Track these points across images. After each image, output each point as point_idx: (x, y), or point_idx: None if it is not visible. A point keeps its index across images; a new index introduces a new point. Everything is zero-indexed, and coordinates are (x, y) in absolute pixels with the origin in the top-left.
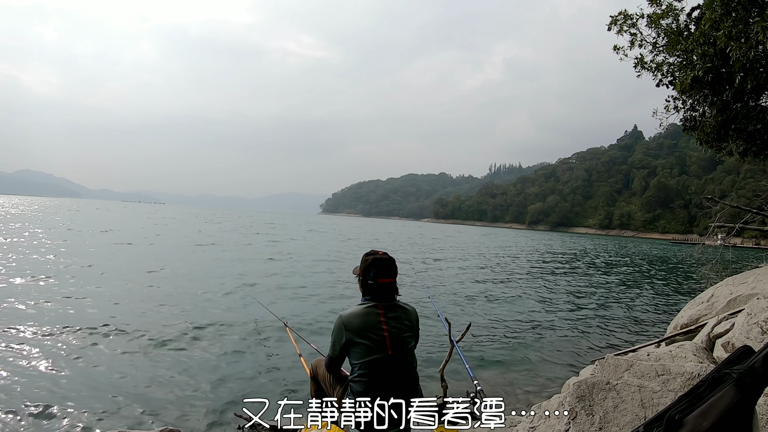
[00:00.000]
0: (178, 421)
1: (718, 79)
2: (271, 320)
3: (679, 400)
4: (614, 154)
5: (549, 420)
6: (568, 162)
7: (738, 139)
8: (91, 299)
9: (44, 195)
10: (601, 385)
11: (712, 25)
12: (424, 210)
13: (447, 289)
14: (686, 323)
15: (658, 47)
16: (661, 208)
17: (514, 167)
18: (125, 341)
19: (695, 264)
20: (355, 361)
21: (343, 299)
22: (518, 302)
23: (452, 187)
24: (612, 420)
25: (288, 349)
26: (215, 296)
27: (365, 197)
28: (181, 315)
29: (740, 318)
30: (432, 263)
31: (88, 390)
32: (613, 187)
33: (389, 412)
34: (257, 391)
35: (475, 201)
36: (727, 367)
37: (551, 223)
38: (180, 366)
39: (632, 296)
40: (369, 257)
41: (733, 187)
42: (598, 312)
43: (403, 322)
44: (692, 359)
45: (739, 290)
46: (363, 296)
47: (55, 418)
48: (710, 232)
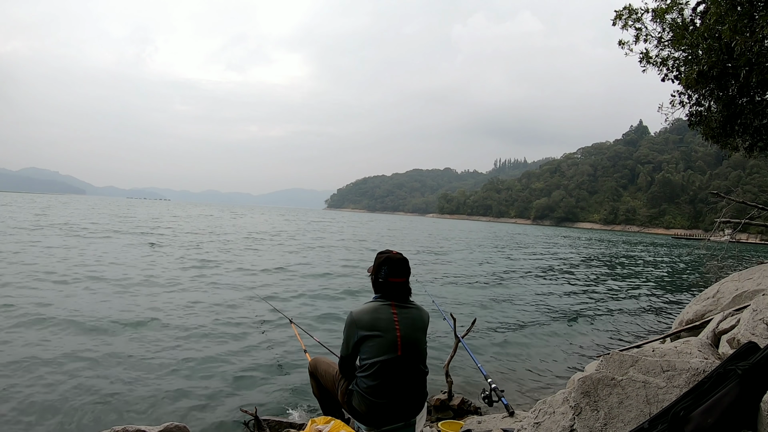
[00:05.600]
0: (182, 416)
1: (724, 73)
2: (278, 317)
3: (684, 396)
4: (619, 149)
5: (554, 415)
6: (573, 157)
7: (744, 134)
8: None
9: (50, 192)
10: (606, 380)
11: (717, 20)
12: (429, 205)
13: (449, 284)
14: (691, 319)
15: (664, 42)
16: (666, 204)
17: (519, 162)
18: (126, 338)
19: (700, 259)
20: (365, 357)
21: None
22: (522, 297)
23: (457, 182)
24: (617, 416)
25: (293, 345)
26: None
27: (370, 192)
28: (193, 311)
29: (746, 314)
30: (436, 257)
31: (89, 386)
32: (618, 183)
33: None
34: (263, 387)
35: (480, 196)
36: (732, 363)
37: (556, 219)
38: (184, 362)
39: (637, 291)
40: (382, 256)
41: (738, 182)
42: (602, 307)
43: (415, 323)
44: (697, 355)
45: (744, 286)
46: (374, 294)
47: (55, 416)
48: (716, 228)
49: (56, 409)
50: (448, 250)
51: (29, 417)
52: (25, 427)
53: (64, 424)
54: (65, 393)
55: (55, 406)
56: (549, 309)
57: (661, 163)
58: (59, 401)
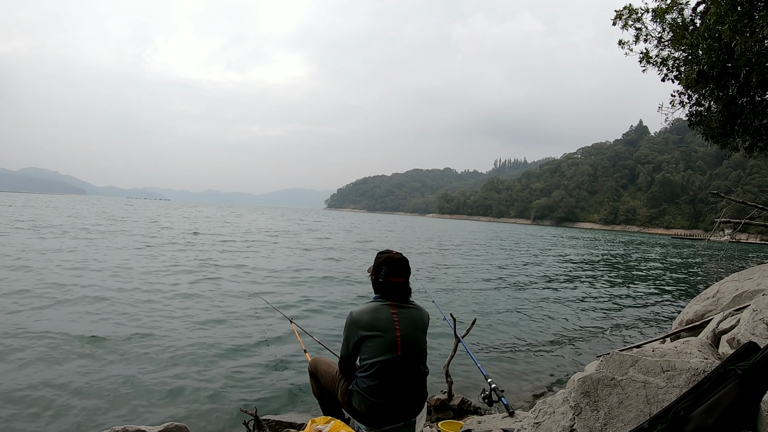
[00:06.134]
0: (182, 417)
1: (724, 73)
2: (277, 317)
3: (684, 396)
4: (619, 149)
5: (554, 415)
6: (572, 157)
7: (744, 134)
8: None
9: (50, 192)
10: (606, 380)
11: (717, 20)
12: (429, 205)
13: (449, 284)
14: (691, 319)
15: (664, 42)
16: (666, 204)
17: (518, 162)
18: (126, 338)
19: (700, 259)
20: (365, 357)
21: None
22: (522, 297)
23: (457, 182)
24: (617, 416)
25: (293, 345)
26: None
27: (370, 192)
28: (190, 310)
29: (746, 314)
30: (438, 258)
31: (89, 386)
32: (618, 183)
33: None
34: (262, 387)
35: (480, 196)
36: (732, 363)
37: (556, 219)
38: (184, 362)
39: (637, 291)
40: (382, 256)
41: (738, 182)
42: (602, 307)
43: (415, 323)
44: (697, 355)
45: (744, 286)
46: (374, 294)
47: (54, 415)
48: (716, 228)
49: (56, 409)
50: (449, 250)
51: (29, 417)
52: (25, 428)
53: (64, 424)
54: (65, 393)
55: (55, 407)
56: (549, 309)
57: (661, 163)
58: (59, 401)
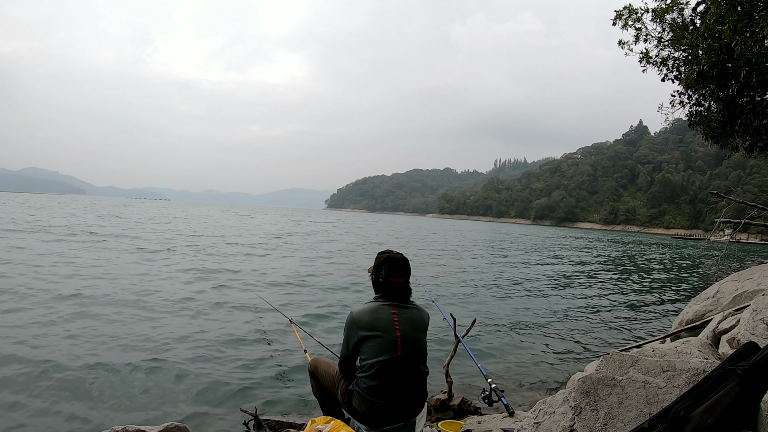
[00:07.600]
0: (182, 416)
1: (724, 73)
2: (278, 317)
3: (684, 396)
4: (619, 149)
5: (554, 415)
6: (573, 157)
7: (744, 134)
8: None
9: (50, 192)
10: (606, 380)
11: (717, 20)
12: (429, 205)
13: (449, 284)
14: (691, 319)
15: (664, 42)
16: (666, 204)
17: (519, 162)
18: (125, 338)
19: (700, 259)
20: (365, 357)
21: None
22: (522, 297)
23: (457, 182)
24: (617, 416)
25: (293, 345)
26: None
27: (370, 192)
28: (189, 311)
29: (746, 314)
30: (434, 257)
31: (89, 386)
32: (618, 183)
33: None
34: (262, 387)
35: (480, 196)
36: (732, 363)
37: (556, 219)
38: (184, 362)
39: (637, 291)
40: (382, 256)
41: (738, 182)
42: (602, 307)
43: (416, 323)
44: (697, 355)
45: (744, 286)
46: (375, 294)
47: (55, 417)
48: (716, 228)
49: (56, 409)
50: (449, 250)
51: (29, 417)
52: (25, 428)
53: (64, 424)
54: (65, 393)
55: (55, 407)
56: (549, 309)
57: (661, 163)
58: (59, 402)
